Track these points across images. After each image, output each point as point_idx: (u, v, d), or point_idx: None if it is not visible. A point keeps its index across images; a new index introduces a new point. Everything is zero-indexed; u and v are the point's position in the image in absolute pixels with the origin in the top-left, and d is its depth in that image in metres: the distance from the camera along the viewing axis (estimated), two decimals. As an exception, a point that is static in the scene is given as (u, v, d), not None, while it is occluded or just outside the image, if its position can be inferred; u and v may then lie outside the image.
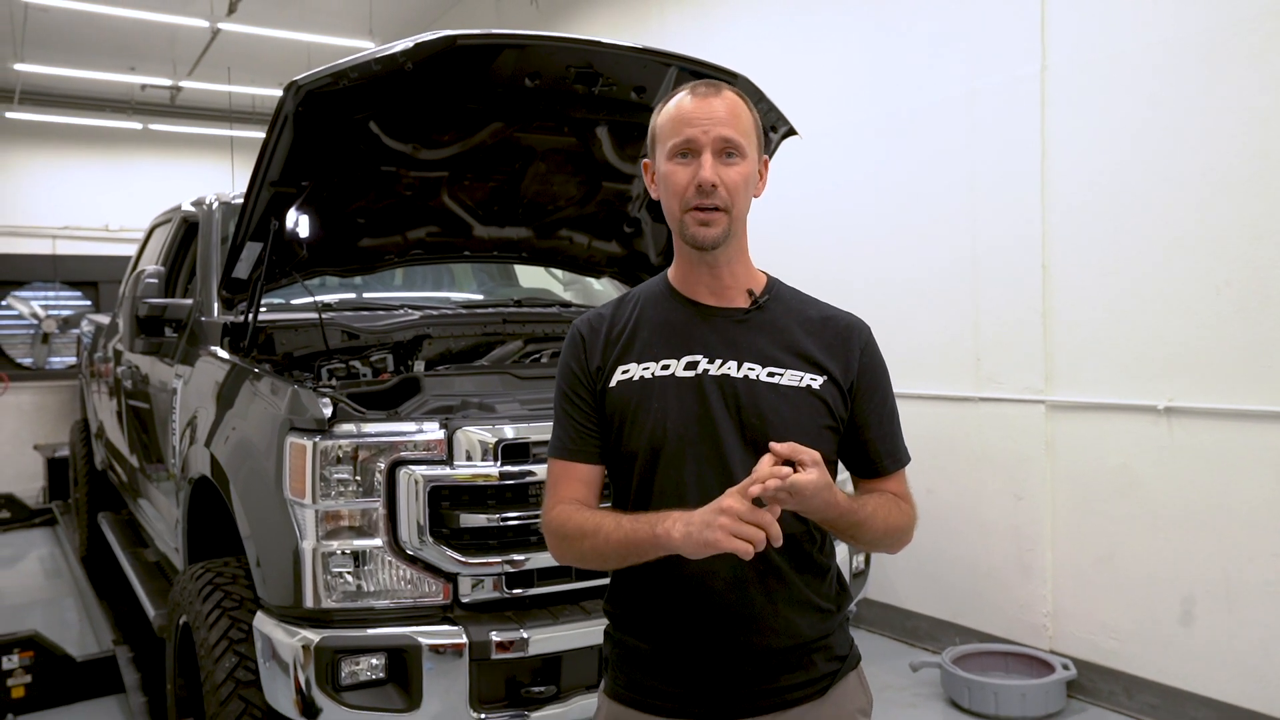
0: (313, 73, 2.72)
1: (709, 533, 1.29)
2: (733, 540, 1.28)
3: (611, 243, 3.89)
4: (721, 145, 1.47)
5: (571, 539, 1.50)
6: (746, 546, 1.28)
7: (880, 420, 1.56)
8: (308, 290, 3.47)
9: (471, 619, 2.53)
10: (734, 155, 1.48)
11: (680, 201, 1.49)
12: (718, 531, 1.29)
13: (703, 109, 1.47)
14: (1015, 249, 4.16)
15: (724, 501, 1.30)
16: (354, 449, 2.51)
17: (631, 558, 1.43)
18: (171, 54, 9.69)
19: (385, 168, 3.22)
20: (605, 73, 3.07)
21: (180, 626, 3.08)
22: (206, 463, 3.07)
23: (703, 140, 1.47)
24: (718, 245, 1.50)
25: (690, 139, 1.47)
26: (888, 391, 1.59)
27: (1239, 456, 3.45)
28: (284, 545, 2.55)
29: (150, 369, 4.16)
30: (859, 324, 1.60)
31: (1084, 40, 3.88)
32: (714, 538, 1.29)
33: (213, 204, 4.03)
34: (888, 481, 1.57)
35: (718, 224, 1.48)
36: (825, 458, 1.51)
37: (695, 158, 1.47)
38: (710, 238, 1.48)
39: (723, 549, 1.29)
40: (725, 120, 1.47)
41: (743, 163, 1.49)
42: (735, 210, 1.49)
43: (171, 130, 11.61)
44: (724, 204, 1.47)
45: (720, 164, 1.47)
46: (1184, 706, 3.65)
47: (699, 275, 1.55)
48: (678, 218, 1.51)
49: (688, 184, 1.47)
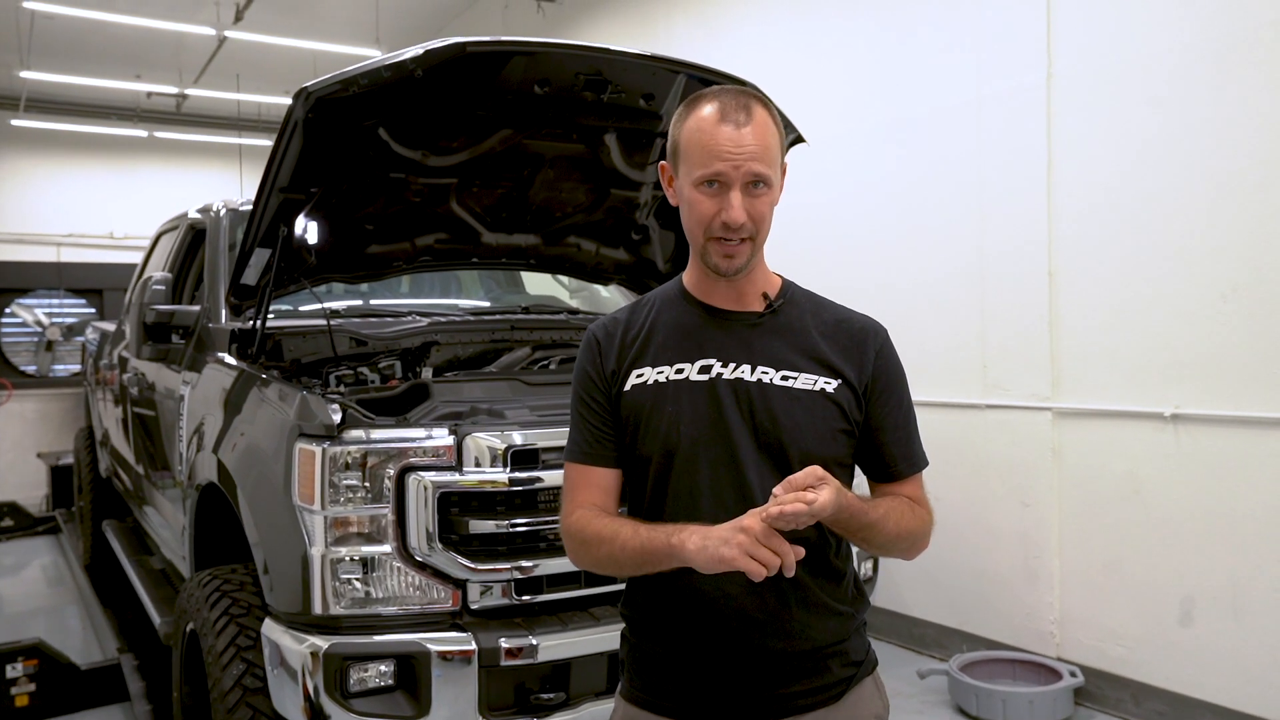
0: (322, 79, 2.73)
1: (725, 549, 1.29)
2: (747, 560, 1.28)
3: (619, 250, 3.89)
4: (750, 179, 1.44)
5: (589, 545, 1.50)
6: (760, 569, 1.28)
7: (896, 423, 1.56)
8: (316, 297, 3.47)
9: (480, 625, 2.52)
10: (761, 185, 1.46)
11: (704, 230, 1.48)
12: (734, 549, 1.28)
13: (733, 140, 1.43)
14: (1022, 256, 4.16)
15: (744, 520, 1.30)
16: (363, 455, 2.50)
17: (647, 566, 1.43)
18: (177, 62, 9.72)
19: (394, 174, 3.22)
20: (614, 80, 3.07)
21: (187, 634, 3.07)
22: (214, 469, 3.07)
23: (733, 176, 1.43)
24: (740, 273, 1.50)
25: (720, 173, 1.44)
26: (904, 394, 1.59)
27: (1246, 463, 3.44)
28: (292, 551, 2.55)
29: (157, 376, 4.15)
30: (875, 326, 1.60)
31: (1090, 48, 3.89)
32: (729, 555, 1.29)
33: (220, 211, 4.04)
34: (903, 486, 1.56)
35: (742, 255, 1.48)
36: (840, 461, 1.52)
37: (723, 190, 1.44)
38: (734, 268, 1.49)
39: (736, 567, 1.29)
40: (756, 154, 1.43)
41: (770, 192, 1.47)
42: (759, 237, 1.49)
43: (177, 138, 11.64)
44: (750, 234, 1.47)
45: (748, 197, 1.45)
46: (1191, 713, 3.63)
47: (714, 283, 1.55)
48: (700, 244, 1.50)
49: (714, 216, 1.45)
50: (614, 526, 1.47)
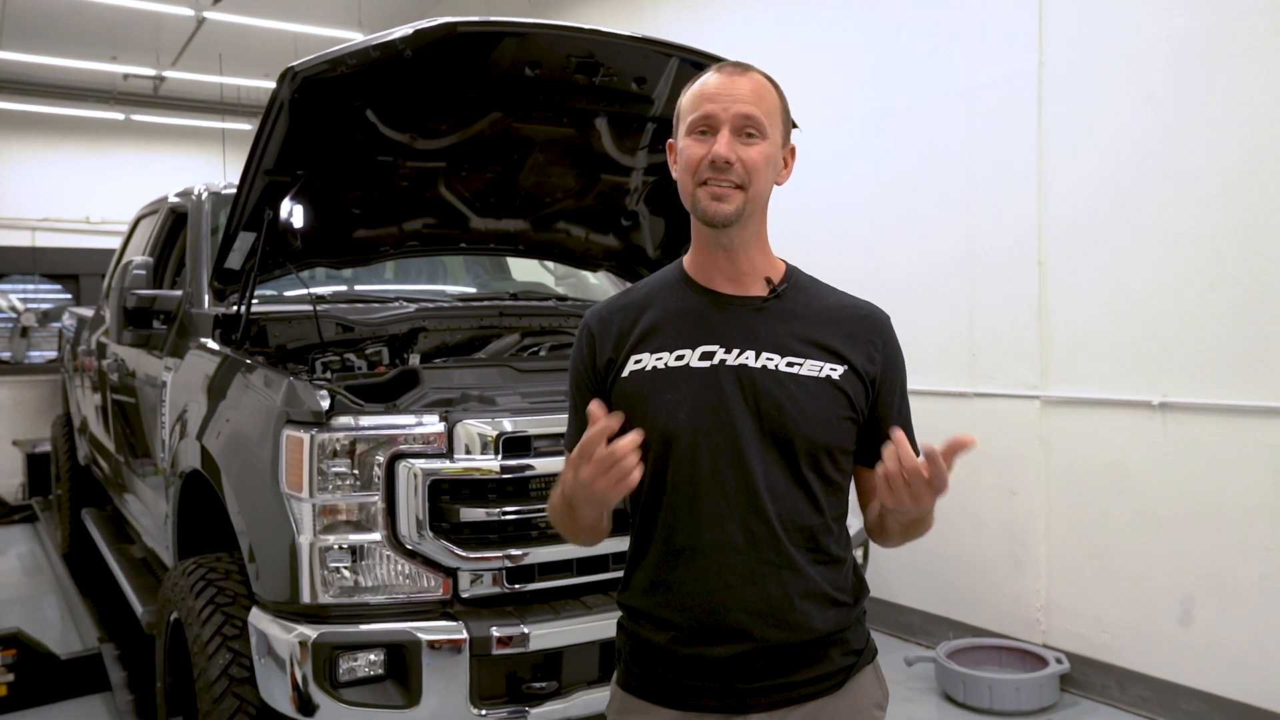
0: (309, 59, 2.68)
1: (590, 492, 1.35)
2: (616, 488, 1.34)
3: (609, 236, 3.85)
4: (741, 123, 1.43)
5: (554, 513, 1.55)
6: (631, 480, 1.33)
7: (901, 412, 1.54)
8: (302, 281, 3.41)
9: (471, 614, 2.50)
10: (754, 134, 1.44)
11: (693, 176, 1.45)
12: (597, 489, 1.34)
13: (725, 86, 1.44)
14: (1011, 244, 4.16)
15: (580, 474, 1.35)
16: (352, 442, 2.47)
17: (583, 524, 1.50)
18: (155, 43, 9.57)
19: (382, 157, 3.17)
20: (606, 63, 3.03)
21: (171, 623, 3.03)
22: (198, 456, 3.02)
23: (722, 116, 1.43)
24: (730, 223, 1.45)
25: (709, 114, 1.43)
26: (904, 385, 1.58)
27: (1233, 452, 3.46)
28: (280, 540, 2.51)
29: (138, 362, 4.09)
30: (880, 314, 1.58)
31: (1081, 36, 3.89)
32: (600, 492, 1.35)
33: (202, 194, 3.98)
34: None
35: (731, 200, 1.43)
36: (844, 449, 1.49)
37: (713, 134, 1.44)
38: (723, 214, 1.44)
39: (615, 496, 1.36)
40: (747, 98, 1.43)
41: (763, 142, 1.44)
42: (752, 189, 1.44)
43: (155, 121, 11.47)
44: (740, 180, 1.43)
45: (739, 141, 1.43)
46: (1176, 700, 3.66)
47: (715, 262, 1.51)
48: (690, 192, 1.47)
49: (702, 158, 1.43)
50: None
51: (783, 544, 1.45)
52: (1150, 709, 3.74)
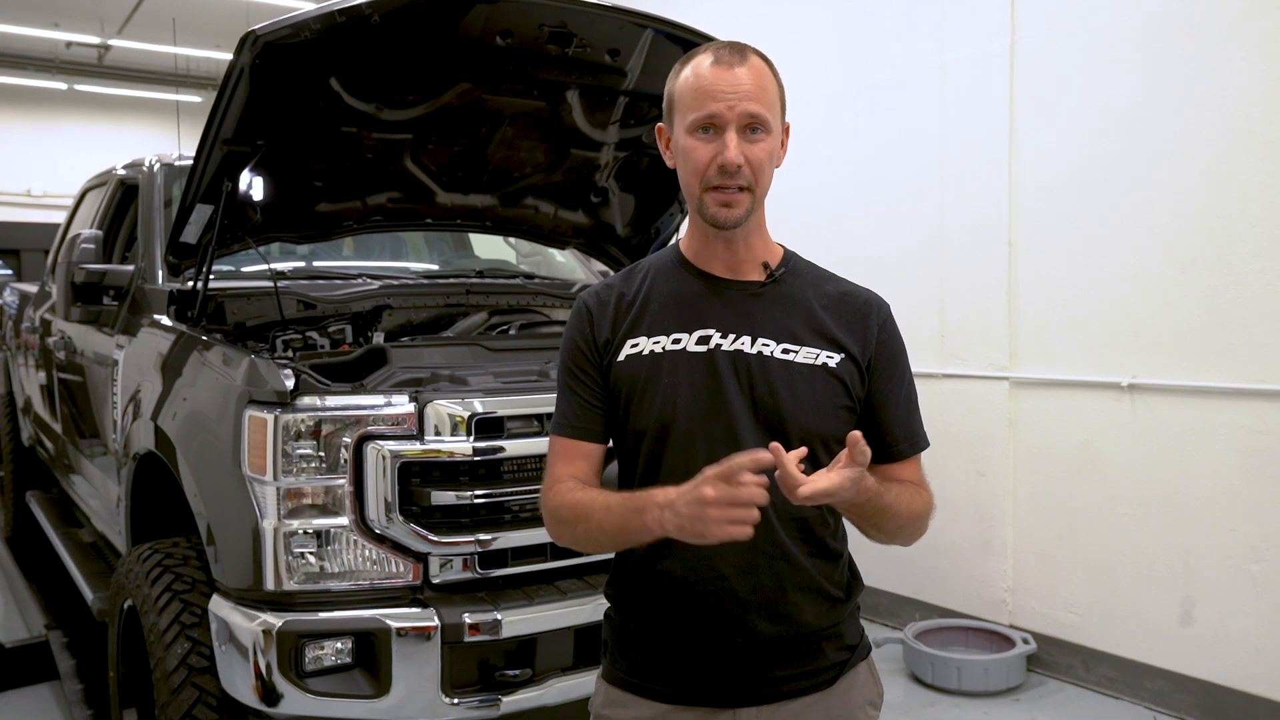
0: (272, 23, 2.56)
1: (700, 526, 1.21)
2: (728, 529, 1.20)
3: (578, 212, 3.77)
4: (747, 121, 1.38)
5: (567, 523, 1.44)
6: (746, 530, 1.21)
7: (899, 401, 1.50)
8: (262, 256, 3.29)
9: (443, 600, 2.43)
10: (759, 131, 1.39)
11: (700, 180, 1.41)
12: (711, 526, 1.20)
13: (728, 80, 1.38)
14: (982, 226, 4.15)
15: (703, 492, 1.20)
16: (317, 423, 2.38)
17: (628, 544, 1.40)
18: (99, 10, 9.22)
19: (346, 128, 3.05)
20: (580, 33, 2.94)
21: (125, 610, 2.92)
22: (152, 438, 2.91)
23: (727, 116, 1.37)
24: (739, 225, 1.42)
25: (714, 114, 1.38)
26: (906, 371, 1.54)
27: (1201, 433, 3.49)
28: (242, 525, 2.41)
29: (86, 339, 3.94)
30: (878, 300, 1.55)
31: (1054, 15, 3.87)
32: (709, 532, 1.21)
33: (154, 165, 3.82)
34: (903, 468, 1.50)
35: (740, 204, 1.40)
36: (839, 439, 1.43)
37: (718, 134, 1.38)
38: (733, 219, 1.41)
39: (719, 538, 1.21)
40: (751, 93, 1.38)
41: (768, 138, 1.41)
42: (759, 189, 1.42)
43: (100, 92, 11.10)
44: (748, 183, 1.40)
45: (745, 141, 1.38)
46: (1141, 678, 3.70)
47: (714, 249, 1.48)
48: (697, 195, 1.42)
49: (709, 162, 1.39)
50: (588, 502, 1.40)
51: (778, 534, 1.41)
52: (1116, 689, 3.78)
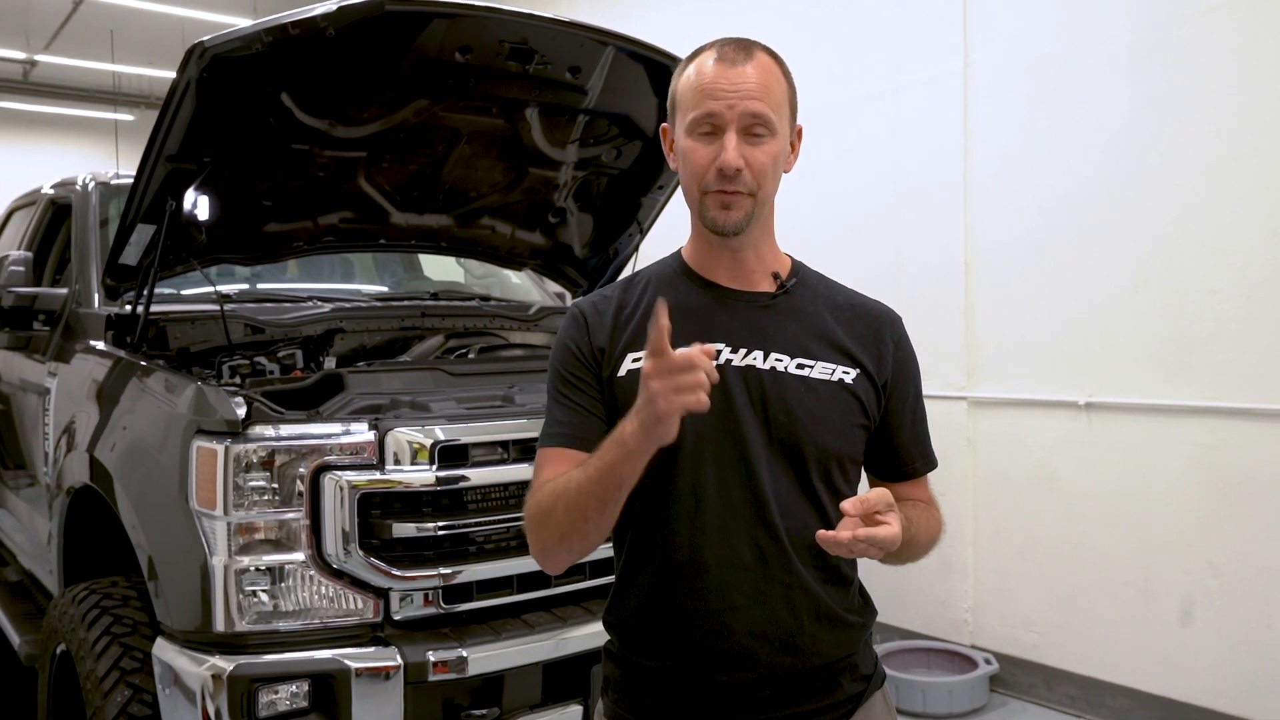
0: (221, 35, 2.45)
1: (652, 407, 1.14)
2: (682, 399, 1.13)
3: (535, 233, 3.69)
4: (748, 121, 1.31)
5: (547, 512, 1.29)
6: (700, 398, 1.13)
7: (914, 420, 1.46)
8: (208, 278, 3.15)
9: (405, 638, 2.31)
10: (763, 132, 1.32)
11: (699, 183, 1.34)
12: (659, 400, 1.13)
13: (729, 77, 1.31)
14: (938, 245, 4.17)
15: (645, 370, 1.15)
16: (271, 453, 2.26)
17: (612, 491, 1.23)
18: (24, 24, 8.90)
19: (297, 145, 2.94)
20: (541, 50, 2.88)
21: (56, 656, 2.74)
22: (88, 470, 2.75)
23: (727, 116, 1.30)
24: (739, 231, 1.35)
25: (713, 114, 1.31)
26: (919, 388, 1.49)
27: (1157, 450, 3.52)
28: (189, 563, 2.28)
29: (13, 366, 3.74)
30: (891, 314, 1.49)
31: (1006, 37, 3.92)
32: (660, 408, 1.13)
33: (89, 184, 3.65)
34: (915, 487, 1.46)
35: (740, 208, 1.33)
36: (854, 459, 1.39)
37: (718, 135, 1.31)
38: (732, 223, 1.33)
39: (676, 411, 1.14)
40: (754, 92, 1.31)
41: (772, 140, 1.33)
42: (761, 194, 1.34)
43: (25, 109, 10.71)
44: (748, 188, 1.32)
45: (746, 143, 1.31)
46: (1101, 696, 3.71)
47: (719, 258, 1.41)
48: (696, 199, 1.36)
49: (708, 165, 1.31)
50: (565, 477, 1.28)
51: (792, 561, 1.34)
52: (1078, 706, 3.78)
